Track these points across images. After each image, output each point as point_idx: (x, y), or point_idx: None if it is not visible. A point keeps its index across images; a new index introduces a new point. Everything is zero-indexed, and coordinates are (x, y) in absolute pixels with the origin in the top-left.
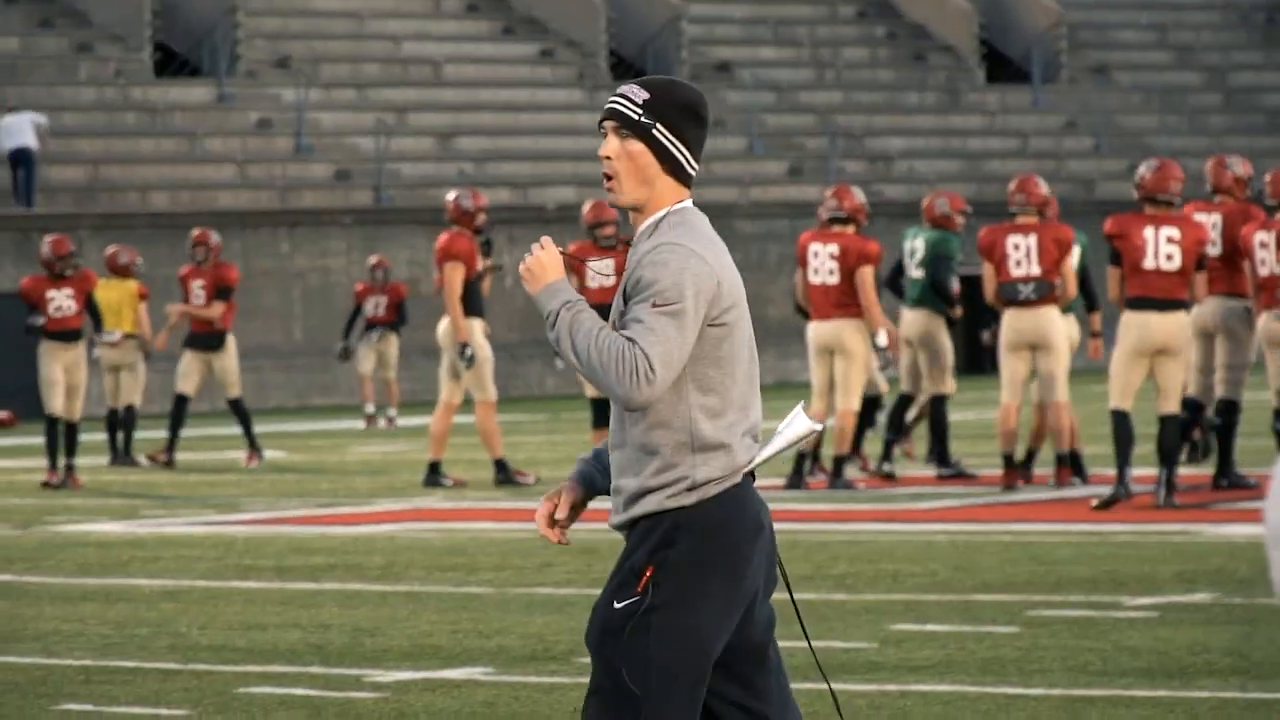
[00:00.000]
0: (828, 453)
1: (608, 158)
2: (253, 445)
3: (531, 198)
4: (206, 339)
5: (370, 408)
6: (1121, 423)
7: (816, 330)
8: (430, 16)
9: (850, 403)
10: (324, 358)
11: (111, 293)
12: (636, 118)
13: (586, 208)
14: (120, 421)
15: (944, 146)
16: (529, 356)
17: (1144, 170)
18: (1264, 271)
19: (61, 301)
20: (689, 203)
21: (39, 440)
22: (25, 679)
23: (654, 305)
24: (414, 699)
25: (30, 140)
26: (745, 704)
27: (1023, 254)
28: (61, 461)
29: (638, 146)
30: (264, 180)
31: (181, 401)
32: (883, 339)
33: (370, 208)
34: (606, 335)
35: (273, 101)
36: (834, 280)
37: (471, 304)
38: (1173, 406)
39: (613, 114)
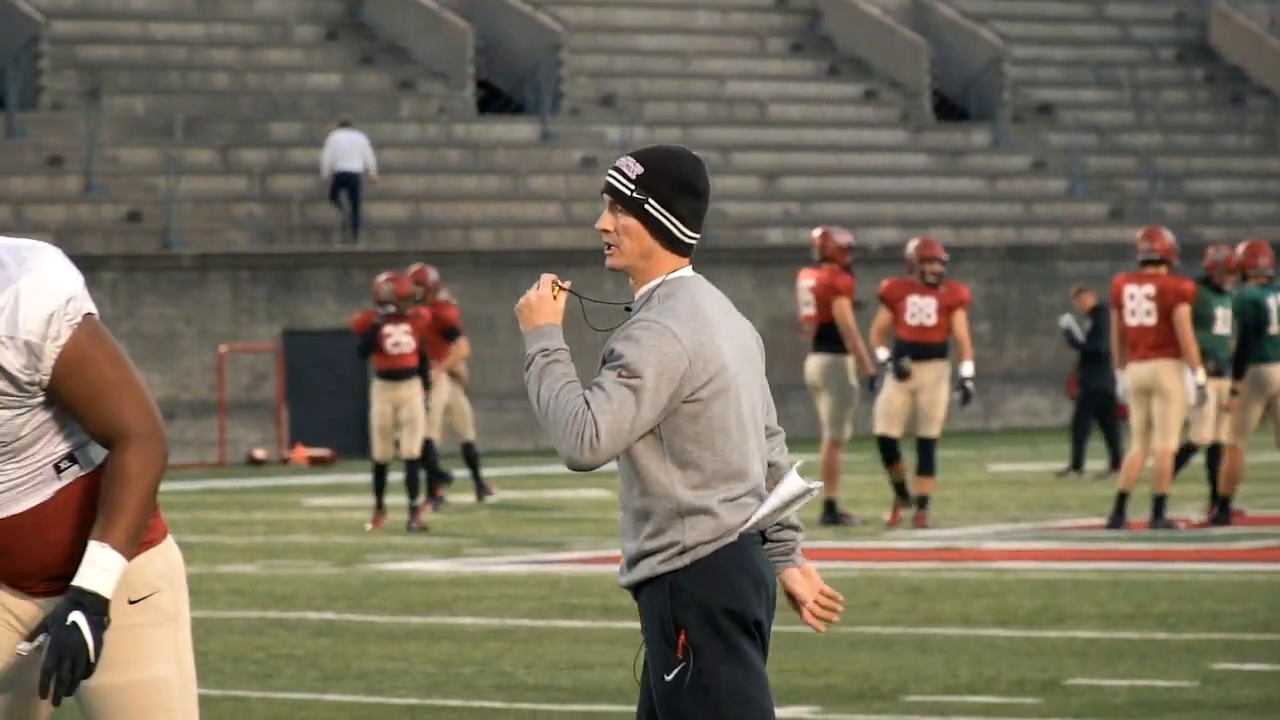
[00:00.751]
0: (1142, 492)
1: (606, 230)
2: (479, 486)
3: (856, 238)
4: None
5: None
6: None
7: (1134, 371)
8: (755, 56)
9: (1169, 442)
10: None
11: None
12: (629, 193)
13: (911, 246)
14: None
15: (1261, 189)
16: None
17: None
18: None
19: (399, 338)
20: (685, 271)
21: (362, 478)
22: (349, 717)
23: (618, 376)
24: None
25: (358, 165)
26: None
27: None
28: (397, 500)
29: (631, 221)
30: (588, 218)
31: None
32: (1200, 378)
33: (700, 247)
34: (568, 392)
35: (596, 140)
36: (1151, 321)
37: (837, 341)
38: None
39: (608, 189)
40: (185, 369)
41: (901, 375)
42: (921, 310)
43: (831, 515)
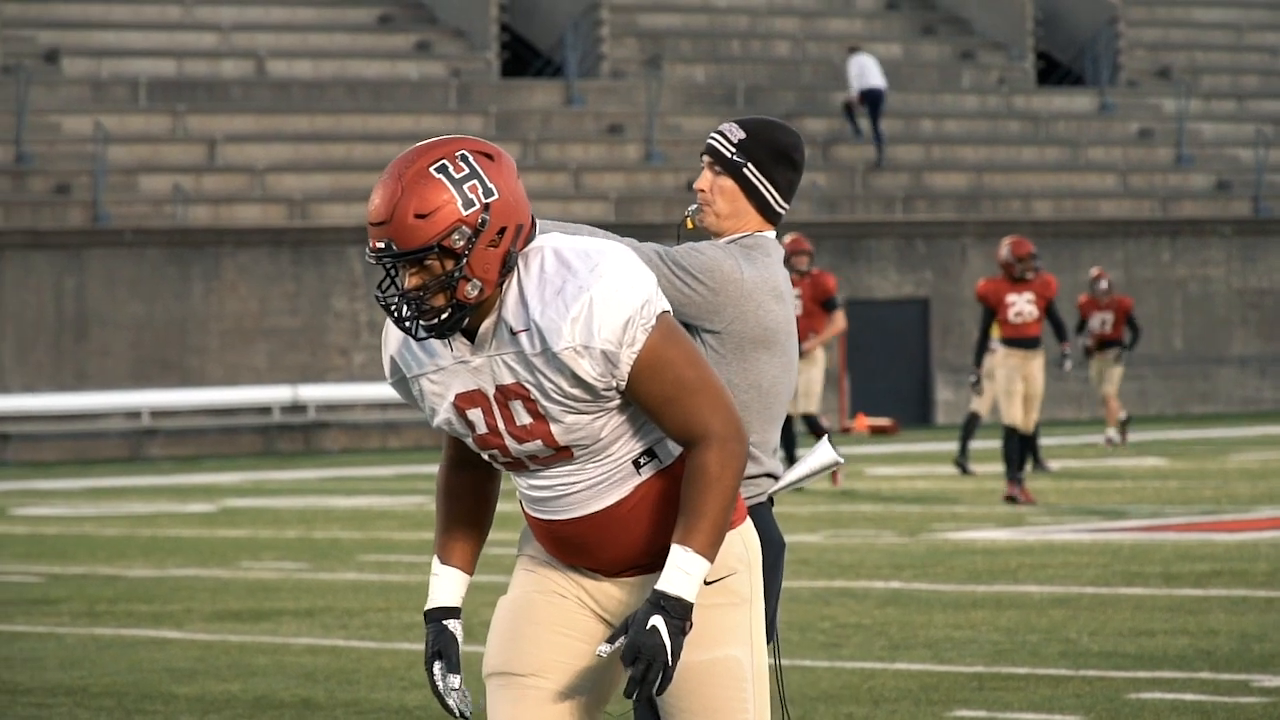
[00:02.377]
0: None
1: (701, 190)
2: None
3: None
4: None
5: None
6: None
7: None
8: None
9: None
10: (1203, 365)
11: None
12: (729, 156)
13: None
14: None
15: None
16: None
17: None
18: None
19: (1021, 306)
20: (769, 233)
21: (920, 447)
22: (917, 685)
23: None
24: None
25: (879, 80)
26: None
27: None
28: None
29: (728, 183)
30: (1145, 190)
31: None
32: None
33: (1249, 219)
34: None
35: (1153, 111)
36: None
37: None
38: None
39: (709, 150)
40: None
41: None
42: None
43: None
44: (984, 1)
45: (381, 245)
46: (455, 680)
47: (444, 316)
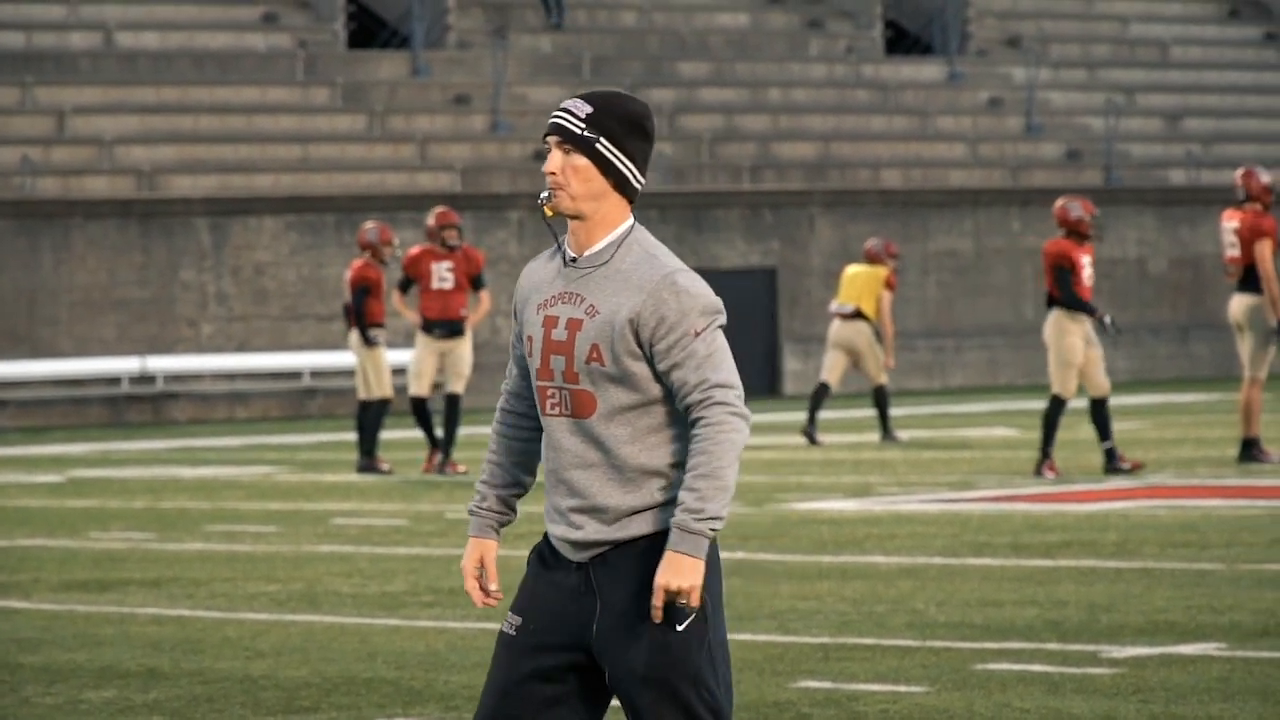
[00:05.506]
0: None
1: (552, 173)
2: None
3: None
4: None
5: None
6: None
7: None
8: None
9: None
10: None
11: (860, 277)
12: (579, 132)
13: None
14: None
15: None
16: None
17: None
18: None
19: (1089, 269)
20: (634, 222)
21: (768, 417)
22: (762, 656)
23: (696, 334)
24: (1149, 674)
25: None
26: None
27: None
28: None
29: (582, 161)
30: (995, 159)
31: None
32: None
33: (1100, 187)
34: (706, 445)
35: (1003, 80)
36: None
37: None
38: None
39: (555, 129)
40: None
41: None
42: None
43: (1249, 453)
44: None
45: None
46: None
47: None
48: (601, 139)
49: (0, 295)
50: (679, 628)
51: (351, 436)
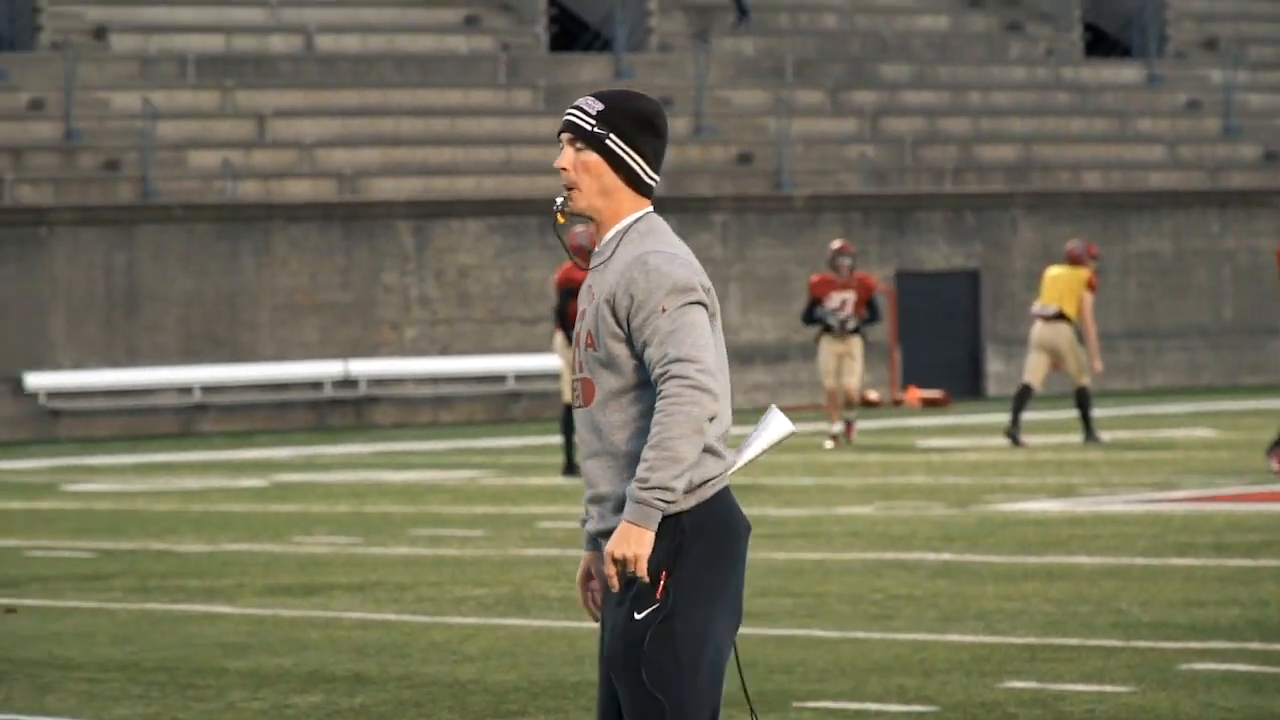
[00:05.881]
0: None
1: (564, 169)
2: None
3: None
4: None
5: None
6: None
7: None
8: None
9: None
10: (1254, 336)
11: (1061, 278)
12: (589, 128)
13: None
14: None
15: None
16: None
17: None
18: None
19: None
20: (649, 210)
21: (972, 419)
22: (969, 656)
23: (663, 310)
24: None
25: None
26: None
27: None
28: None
29: (592, 158)
30: (1193, 161)
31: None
32: None
33: None
34: (659, 417)
35: (1201, 82)
36: None
37: None
38: None
39: (567, 125)
40: (797, 311)
41: None
42: None
43: None
44: None
45: None
46: None
47: None
48: (611, 135)
49: (202, 299)
50: (637, 616)
51: (556, 440)
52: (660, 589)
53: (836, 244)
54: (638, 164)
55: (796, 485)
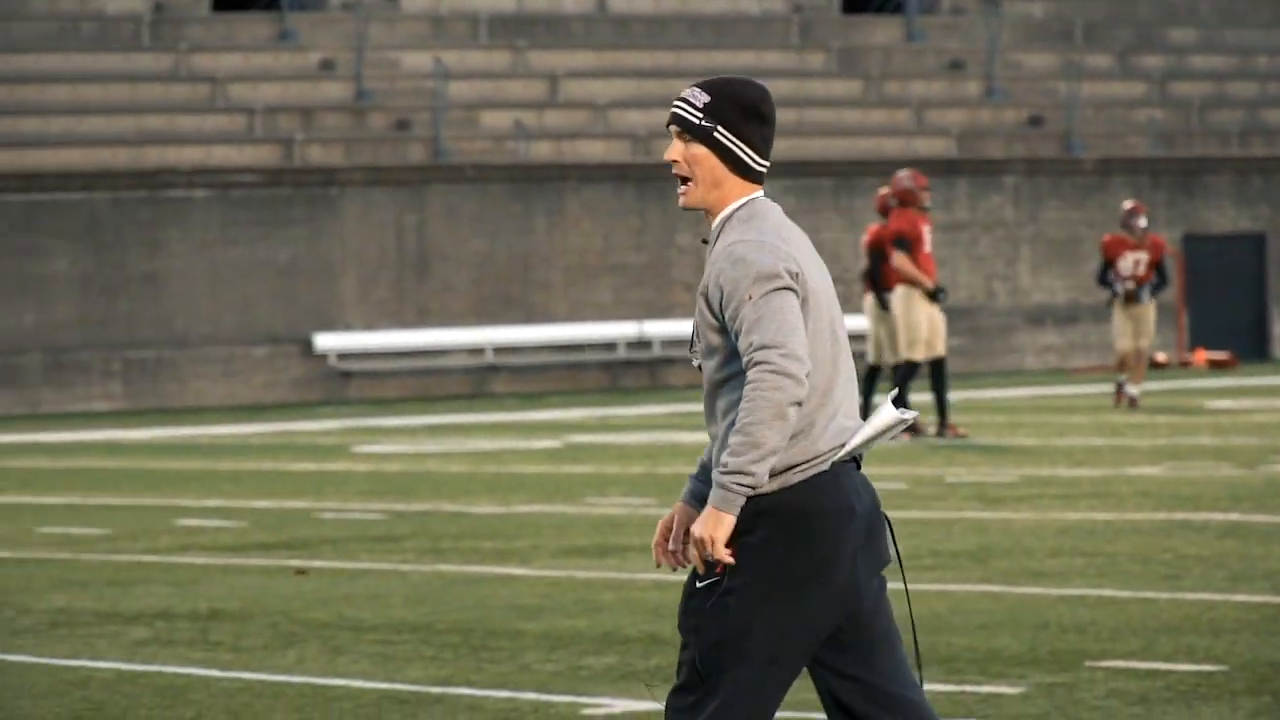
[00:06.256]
0: None
1: (674, 161)
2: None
3: None
4: None
5: None
6: None
7: None
8: None
9: None
10: None
11: None
12: (697, 121)
13: None
14: None
15: None
16: None
17: None
18: None
19: None
20: (758, 196)
21: (1258, 381)
22: (1258, 617)
23: (750, 299)
24: None
25: None
26: (857, 675)
27: None
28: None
29: (701, 150)
30: None
31: None
32: None
33: None
34: (743, 404)
35: None
36: None
37: None
38: None
39: (675, 119)
40: (1087, 272)
41: None
42: None
43: None
44: None
45: None
46: None
47: None
48: (719, 127)
49: (494, 260)
50: (698, 584)
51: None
52: (720, 566)
53: (1129, 204)
54: (746, 154)
55: (1088, 446)
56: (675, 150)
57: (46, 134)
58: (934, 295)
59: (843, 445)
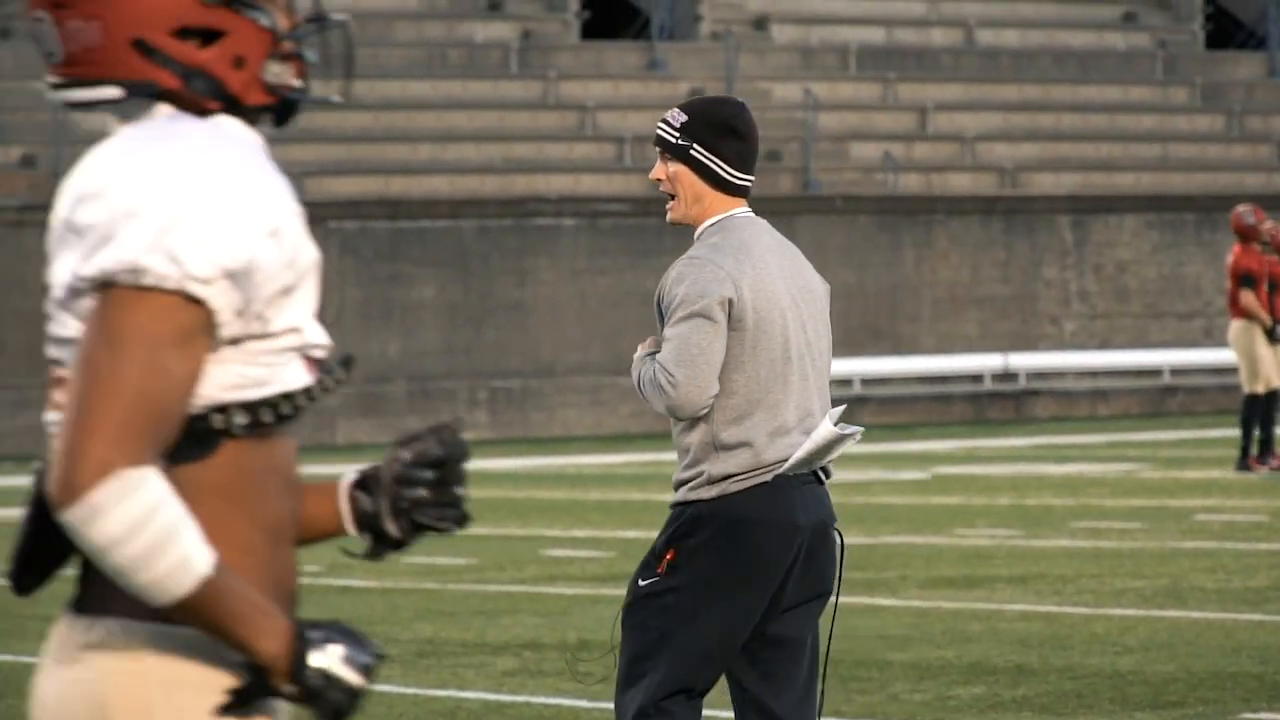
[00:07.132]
0: None
1: (659, 179)
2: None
3: None
4: None
5: None
6: None
7: None
8: None
9: None
10: None
11: None
12: (675, 140)
13: None
14: None
15: None
16: None
17: None
18: None
19: None
20: (736, 211)
21: None
22: None
23: (677, 320)
24: None
25: None
26: (755, 694)
27: None
28: None
29: (680, 168)
30: None
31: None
32: None
33: None
34: (644, 367)
35: None
36: None
37: None
38: None
39: (657, 140)
40: None
41: None
42: None
43: None
44: None
45: None
46: None
47: None
48: (695, 145)
49: (863, 291)
50: (640, 583)
51: (1212, 434)
52: (662, 565)
53: None
54: (722, 169)
55: None
56: (659, 169)
57: (414, 161)
58: (1270, 333)
59: (785, 459)
